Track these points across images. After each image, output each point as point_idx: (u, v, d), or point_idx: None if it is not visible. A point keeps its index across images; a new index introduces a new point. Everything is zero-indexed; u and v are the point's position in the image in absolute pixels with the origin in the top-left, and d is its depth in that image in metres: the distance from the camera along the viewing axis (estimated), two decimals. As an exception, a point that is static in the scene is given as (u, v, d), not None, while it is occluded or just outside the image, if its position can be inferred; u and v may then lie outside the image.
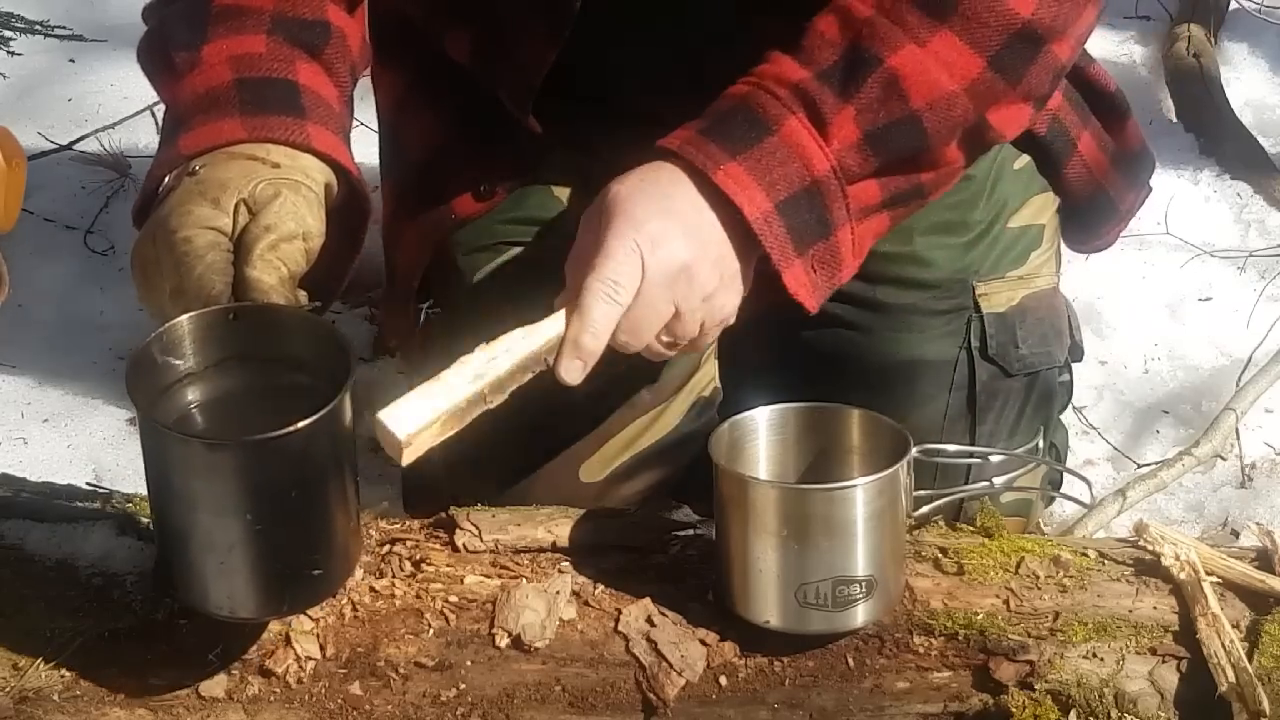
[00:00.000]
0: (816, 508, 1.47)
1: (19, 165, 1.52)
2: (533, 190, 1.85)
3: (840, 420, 1.59)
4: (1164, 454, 2.30)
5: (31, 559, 1.55)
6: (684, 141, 1.55)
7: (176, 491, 1.38)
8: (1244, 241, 2.75)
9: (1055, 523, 2.18)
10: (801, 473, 1.59)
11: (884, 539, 1.49)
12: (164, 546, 1.44)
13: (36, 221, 2.65)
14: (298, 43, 1.61)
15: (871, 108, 1.55)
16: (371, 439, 1.46)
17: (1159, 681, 1.52)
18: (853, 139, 1.55)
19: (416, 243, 1.86)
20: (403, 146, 1.91)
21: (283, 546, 1.39)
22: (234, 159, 1.51)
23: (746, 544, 1.48)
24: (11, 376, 2.43)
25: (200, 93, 1.56)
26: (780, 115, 1.54)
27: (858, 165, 1.56)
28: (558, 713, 1.50)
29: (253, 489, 1.36)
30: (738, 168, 1.52)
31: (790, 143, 1.54)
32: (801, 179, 1.54)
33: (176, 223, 1.47)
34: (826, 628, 1.51)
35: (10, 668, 1.47)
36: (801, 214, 1.54)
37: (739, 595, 1.51)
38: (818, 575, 1.47)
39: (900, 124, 1.56)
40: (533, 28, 1.71)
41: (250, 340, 1.44)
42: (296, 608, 1.46)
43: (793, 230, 1.54)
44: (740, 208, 1.52)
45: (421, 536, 1.60)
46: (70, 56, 3.10)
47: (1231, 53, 3.23)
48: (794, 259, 1.55)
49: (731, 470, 1.50)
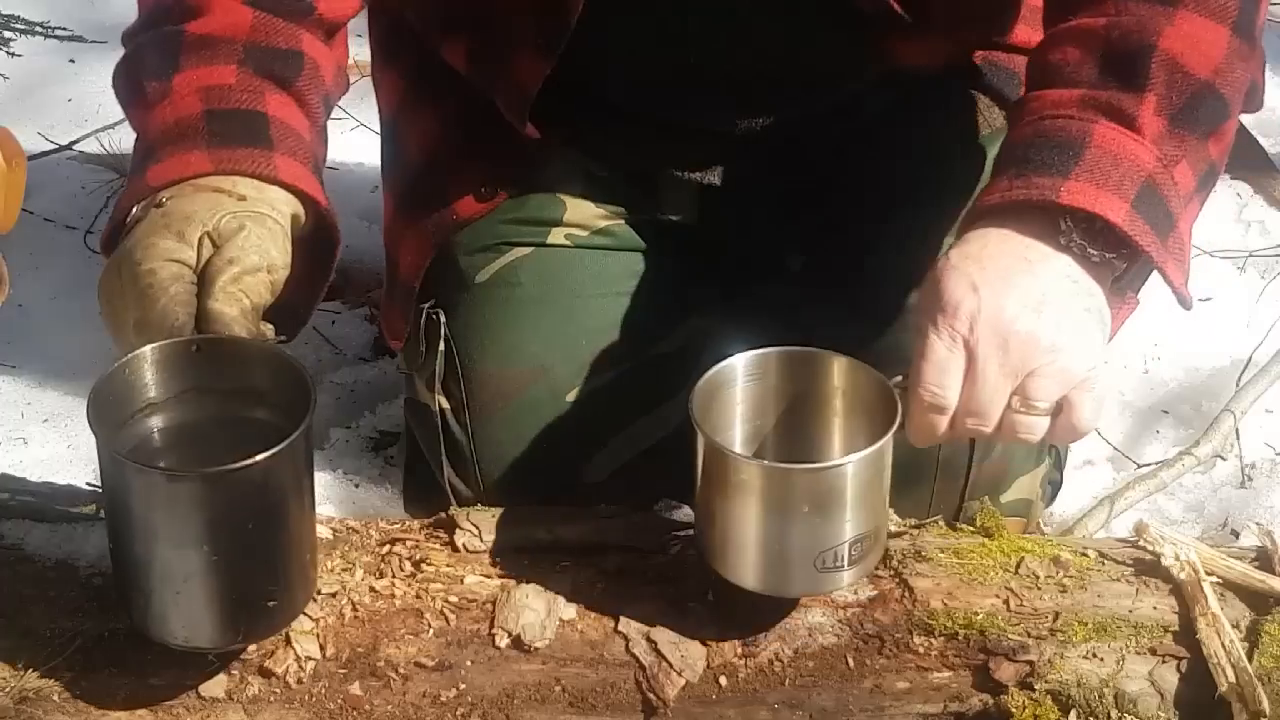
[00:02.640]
0: (803, 485, 1.45)
1: (19, 165, 1.52)
2: (535, 191, 1.85)
3: (821, 365, 1.55)
4: (1164, 454, 2.30)
5: (31, 559, 1.55)
6: (1004, 191, 1.48)
7: (135, 521, 1.39)
8: (1244, 241, 2.75)
9: (1055, 523, 2.18)
10: (780, 418, 1.56)
11: (874, 500, 1.47)
12: (121, 574, 1.44)
13: (36, 221, 2.65)
14: (268, 73, 1.60)
15: (1165, 93, 1.50)
16: (371, 438, 1.46)
17: (1159, 681, 1.52)
18: (1161, 127, 1.50)
19: (418, 243, 1.86)
20: (404, 147, 1.91)
21: (240, 578, 1.40)
22: (199, 191, 1.51)
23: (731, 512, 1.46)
24: (11, 376, 2.43)
25: (169, 123, 1.56)
26: (1085, 128, 1.49)
27: (1175, 150, 1.51)
28: (558, 713, 1.50)
29: (211, 521, 1.37)
30: (1076, 184, 1.45)
31: (1111, 147, 1.48)
32: (1138, 176, 1.47)
33: (141, 255, 1.46)
34: (811, 589, 1.51)
35: (10, 668, 1.47)
36: (1152, 209, 1.47)
37: (718, 555, 1.50)
38: (811, 543, 1.45)
39: (1199, 97, 1.51)
40: (528, 41, 1.71)
41: (212, 372, 1.45)
42: (252, 638, 1.46)
43: (1153, 225, 1.47)
44: (1104, 215, 1.44)
45: (421, 536, 1.60)
46: (70, 57, 3.10)
47: (1232, 53, 3.23)
48: (1165, 253, 1.48)
49: (715, 444, 1.47)
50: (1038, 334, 1.43)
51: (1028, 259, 1.46)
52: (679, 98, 1.80)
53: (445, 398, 1.85)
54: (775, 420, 1.56)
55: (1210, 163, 1.56)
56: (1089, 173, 1.46)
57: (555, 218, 1.86)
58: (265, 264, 1.48)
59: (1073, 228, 1.46)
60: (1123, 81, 1.51)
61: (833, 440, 1.56)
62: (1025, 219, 1.47)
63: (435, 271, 1.86)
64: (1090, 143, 1.48)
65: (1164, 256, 1.48)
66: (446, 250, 1.85)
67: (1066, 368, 1.44)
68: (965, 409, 1.44)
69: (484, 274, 1.84)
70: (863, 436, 1.49)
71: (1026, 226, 1.47)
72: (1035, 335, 1.43)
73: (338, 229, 1.60)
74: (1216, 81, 1.52)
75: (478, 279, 1.84)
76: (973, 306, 1.43)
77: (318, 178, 1.59)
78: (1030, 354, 1.43)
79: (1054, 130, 1.50)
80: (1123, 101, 1.50)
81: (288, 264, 1.51)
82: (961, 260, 1.45)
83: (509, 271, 1.84)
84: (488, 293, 1.84)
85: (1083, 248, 1.46)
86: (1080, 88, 1.52)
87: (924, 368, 1.44)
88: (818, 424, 1.56)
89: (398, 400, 2.18)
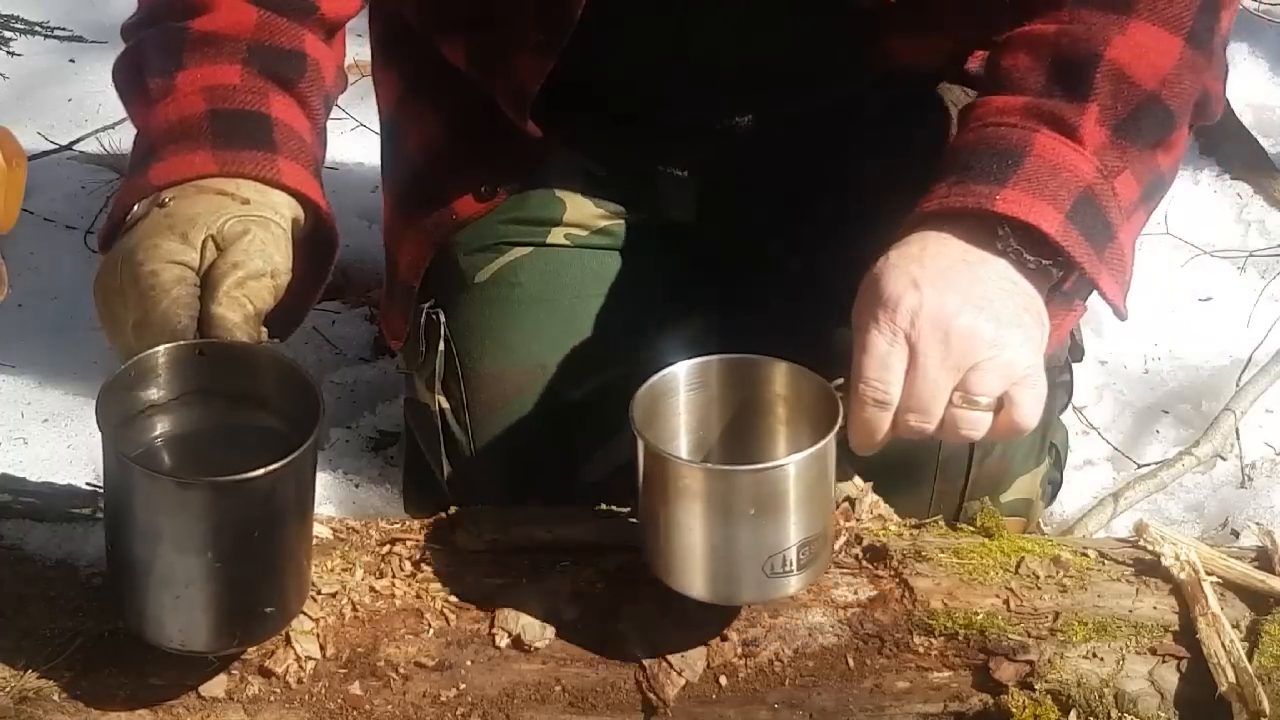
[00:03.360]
0: (746, 487, 1.43)
1: (19, 165, 1.52)
2: (534, 191, 1.85)
3: (763, 371, 1.53)
4: (1164, 454, 2.30)
5: (31, 559, 1.55)
6: (942, 198, 1.49)
7: (139, 525, 1.39)
8: (1244, 241, 2.75)
9: (1055, 523, 2.18)
10: (724, 426, 1.55)
11: (819, 503, 1.46)
12: (118, 576, 1.44)
13: (36, 221, 2.65)
14: (272, 74, 1.59)
15: (1109, 103, 1.51)
16: (371, 438, 1.46)
17: (1159, 681, 1.52)
18: (1104, 138, 1.50)
19: (417, 243, 1.86)
20: (403, 147, 1.91)
21: (240, 584, 1.40)
22: (203, 193, 1.50)
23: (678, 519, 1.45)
24: (11, 376, 2.43)
25: (173, 121, 1.55)
26: (1026, 137, 1.49)
27: (1117, 161, 1.51)
28: (558, 713, 1.50)
29: (217, 527, 1.37)
30: (1013, 193, 1.46)
31: (1050, 156, 1.48)
32: (1076, 186, 1.48)
33: (143, 255, 1.46)
34: (760, 596, 1.49)
35: (10, 668, 1.47)
36: (1088, 220, 1.48)
37: (665, 565, 1.48)
38: (758, 547, 1.44)
39: (1144, 108, 1.52)
40: (529, 38, 1.71)
41: (216, 376, 1.45)
42: (248, 642, 1.46)
43: (1088, 236, 1.48)
44: (1036, 224, 1.45)
45: (421, 536, 1.60)
46: (70, 56, 3.10)
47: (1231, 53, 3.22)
48: (1099, 264, 1.48)
49: (657, 450, 1.45)
50: (979, 329, 1.43)
51: (966, 260, 1.46)
52: (679, 97, 1.80)
53: (445, 398, 1.85)
54: (719, 429, 1.55)
55: (1158, 173, 1.55)
56: (1026, 182, 1.46)
57: (555, 217, 1.86)
58: (269, 269, 1.48)
59: (1009, 234, 1.46)
60: (1067, 91, 1.51)
61: (777, 447, 1.54)
62: (963, 225, 1.47)
63: (435, 271, 1.86)
64: (1030, 152, 1.48)
65: (1098, 268, 1.48)
66: (446, 250, 1.85)
67: (1009, 362, 1.43)
68: (907, 405, 1.43)
69: (484, 274, 1.84)
70: (807, 441, 1.46)
71: (964, 232, 1.47)
72: (977, 330, 1.42)
73: (337, 232, 1.59)
74: (1163, 93, 1.52)
75: (477, 279, 1.84)
76: (914, 302, 1.42)
77: (318, 180, 1.59)
78: (972, 348, 1.42)
79: (996, 138, 1.50)
80: (1065, 111, 1.50)
81: (289, 269, 1.51)
82: (901, 259, 1.46)
83: (509, 271, 1.84)
84: (487, 292, 1.84)
85: (1019, 253, 1.46)
86: (1027, 95, 1.52)
87: (865, 363, 1.43)
88: (762, 431, 1.54)
89: (398, 400, 2.18)
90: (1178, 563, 1.56)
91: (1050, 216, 1.46)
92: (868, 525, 1.62)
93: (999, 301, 1.45)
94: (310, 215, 1.56)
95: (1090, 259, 1.48)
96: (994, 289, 1.45)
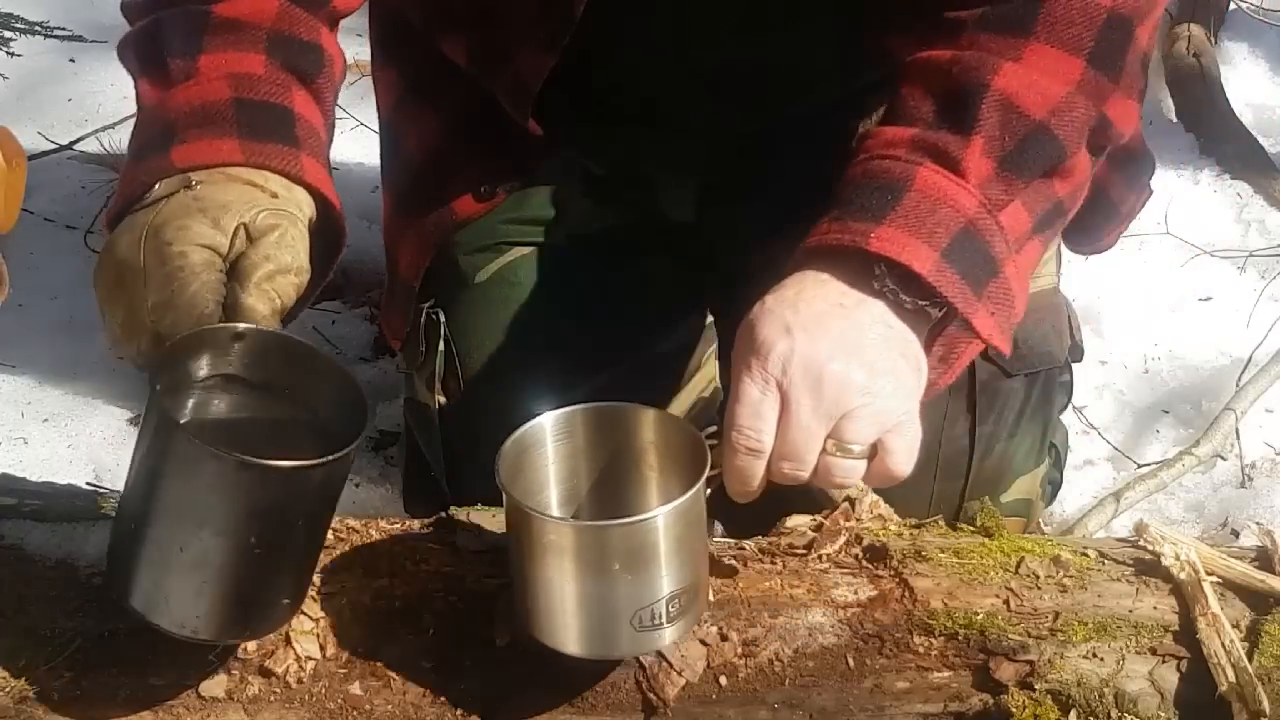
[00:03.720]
0: (613, 542, 1.40)
1: (19, 165, 1.52)
2: (534, 191, 1.86)
3: (631, 419, 1.50)
4: (1164, 454, 2.30)
5: (31, 559, 1.55)
6: (823, 234, 1.47)
7: (179, 505, 1.37)
8: (1244, 241, 2.75)
9: (1055, 523, 2.18)
10: (594, 477, 1.52)
11: (690, 553, 1.43)
12: (131, 555, 1.41)
13: (36, 221, 2.65)
14: (293, 68, 1.59)
15: (996, 134, 1.49)
16: (371, 438, 1.46)
17: (1159, 681, 1.52)
18: (989, 170, 1.49)
19: (417, 243, 1.86)
20: (403, 146, 1.91)
21: (269, 573, 1.40)
22: (233, 181, 1.50)
23: (547, 575, 1.42)
24: (11, 376, 2.43)
25: (195, 105, 1.55)
26: (908, 171, 1.47)
27: (1003, 194, 1.49)
28: (558, 713, 1.50)
29: (267, 513, 1.36)
30: (889, 230, 1.44)
31: (931, 191, 1.46)
32: (956, 222, 1.46)
33: (171, 235, 1.45)
34: (635, 650, 1.46)
35: (10, 668, 1.47)
36: (967, 257, 1.46)
37: (537, 623, 1.44)
38: (627, 601, 1.41)
39: (1031, 139, 1.50)
40: (531, 34, 1.71)
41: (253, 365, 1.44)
42: (254, 635, 1.46)
43: (966, 275, 1.45)
44: (908, 265, 1.43)
45: (421, 536, 1.59)
46: (70, 56, 3.10)
47: (1231, 53, 3.24)
48: (975, 303, 1.46)
49: (521, 506, 1.41)
50: (851, 376, 1.41)
51: (842, 304, 1.44)
52: (679, 97, 1.80)
53: (445, 397, 1.85)
54: (589, 479, 1.52)
55: (1055, 201, 1.54)
56: (904, 219, 1.45)
57: (555, 217, 1.86)
58: (295, 266, 1.48)
59: (886, 274, 1.44)
60: (953, 123, 1.49)
61: (649, 495, 1.52)
62: (841, 263, 1.46)
63: (435, 271, 1.86)
64: (911, 186, 1.46)
65: (973, 307, 1.46)
66: (446, 250, 1.85)
67: (881, 410, 1.42)
68: (780, 453, 1.41)
69: (484, 273, 1.84)
70: (678, 489, 1.43)
71: (844, 272, 1.45)
72: (849, 377, 1.41)
73: (345, 233, 1.59)
74: (1051, 122, 1.51)
75: (477, 278, 1.84)
76: (785, 349, 1.41)
77: (331, 179, 1.59)
78: (844, 397, 1.41)
79: (880, 171, 1.49)
80: (950, 144, 1.48)
81: (309, 269, 1.51)
82: (776, 304, 1.44)
83: (509, 271, 1.84)
84: (487, 292, 1.84)
85: (895, 294, 1.44)
86: (916, 126, 1.50)
87: (738, 411, 1.41)
88: (633, 481, 1.52)
89: (398, 400, 2.18)
90: (1178, 563, 1.56)
91: (924, 255, 1.44)
92: (868, 525, 1.62)
93: (872, 348, 1.43)
94: (321, 213, 1.56)
95: (965, 297, 1.45)
96: (868, 334, 1.43)
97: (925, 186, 1.46)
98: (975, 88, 1.50)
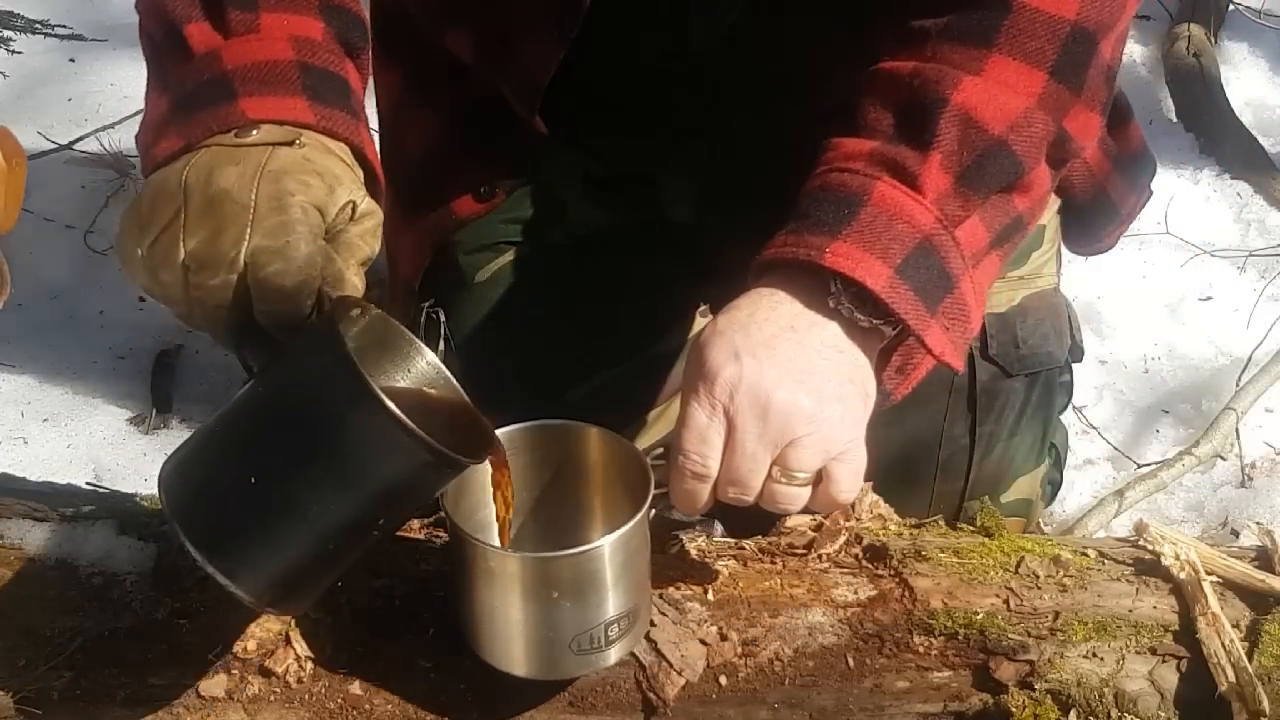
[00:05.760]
0: (561, 572, 1.40)
1: (19, 165, 1.51)
2: (534, 191, 1.85)
3: (576, 438, 1.51)
4: (1164, 454, 2.30)
5: (31, 559, 1.55)
6: (778, 248, 1.46)
7: (345, 475, 1.31)
8: (1244, 241, 2.75)
9: (1055, 523, 2.18)
10: (539, 495, 1.52)
11: (633, 578, 1.44)
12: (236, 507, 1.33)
13: (36, 221, 2.65)
14: (344, 40, 1.58)
15: (954, 149, 1.48)
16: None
17: (1159, 681, 1.52)
18: (946, 186, 1.48)
19: (417, 243, 1.86)
20: (403, 146, 1.91)
21: (361, 553, 1.38)
22: (330, 155, 1.47)
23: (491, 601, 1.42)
24: (11, 376, 2.43)
25: (259, 61, 1.51)
26: (866, 185, 1.46)
27: (960, 210, 1.49)
28: (557, 713, 1.50)
29: (427, 498, 1.36)
30: (844, 245, 1.42)
31: (887, 206, 1.45)
32: (911, 238, 1.44)
33: (295, 187, 1.42)
34: (579, 670, 1.47)
35: (10, 668, 1.47)
36: (922, 273, 1.44)
37: (482, 645, 1.45)
38: (570, 627, 1.41)
39: (989, 155, 1.49)
40: (540, 27, 1.71)
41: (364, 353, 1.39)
42: (288, 610, 1.44)
43: (920, 291, 1.44)
44: (862, 281, 1.41)
45: (422, 536, 1.60)
46: (70, 56, 3.10)
47: (1231, 53, 3.24)
48: (929, 320, 1.45)
49: (462, 533, 1.41)
50: (798, 404, 1.40)
51: (794, 327, 1.43)
52: (679, 96, 1.80)
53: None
54: (533, 498, 1.52)
55: (1013, 215, 1.53)
56: (859, 234, 1.44)
57: (555, 217, 1.86)
58: (369, 257, 1.47)
59: (842, 290, 1.43)
60: (911, 137, 1.48)
61: (594, 515, 1.53)
62: (797, 279, 1.45)
63: (435, 271, 1.86)
64: (868, 201, 1.45)
65: (926, 324, 1.45)
66: (446, 250, 1.85)
67: (827, 438, 1.41)
68: (725, 477, 1.41)
69: (484, 273, 1.84)
70: (623, 510, 1.44)
71: (797, 288, 1.45)
72: (796, 405, 1.40)
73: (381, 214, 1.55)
74: (1009, 138, 1.49)
75: (477, 278, 1.84)
76: (733, 375, 1.40)
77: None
78: (790, 425, 1.40)
79: (837, 185, 1.48)
80: (907, 158, 1.47)
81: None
82: (727, 326, 1.43)
83: (509, 271, 1.84)
84: (488, 292, 1.84)
85: (851, 312, 1.43)
86: (876, 139, 1.49)
87: (684, 436, 1.41)
88: (578, 499, 1.52)
89: (397, 400, 2.18)
90: (1178, 562, 1.57)
91: (878, 271, 1.43)
92: (868, 525, 1.62)
93: (821, 374, 1.42)
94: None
95: (918, 314, 1.44)
96: (818, 360, 1.43)
97: (882, 201, 1.46)
98: (935, 102, 1.49)
